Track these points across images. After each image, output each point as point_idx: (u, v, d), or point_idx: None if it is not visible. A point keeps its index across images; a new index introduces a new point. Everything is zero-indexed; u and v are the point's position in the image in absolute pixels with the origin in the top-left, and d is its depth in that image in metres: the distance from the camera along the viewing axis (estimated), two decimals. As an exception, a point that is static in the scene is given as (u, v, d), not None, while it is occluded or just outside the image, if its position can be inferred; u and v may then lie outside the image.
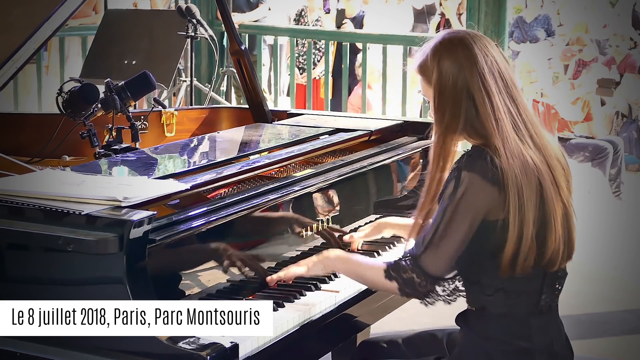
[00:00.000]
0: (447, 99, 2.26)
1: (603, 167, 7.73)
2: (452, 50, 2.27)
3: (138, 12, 7.66)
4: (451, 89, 2.25)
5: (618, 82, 8.88)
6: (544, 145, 2.30)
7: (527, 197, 2.20)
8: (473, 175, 2.20)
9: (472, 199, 2.21)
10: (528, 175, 2.22)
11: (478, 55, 2.25)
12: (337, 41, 7.90)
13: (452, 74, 2.25)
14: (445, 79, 2.26)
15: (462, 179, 2.21)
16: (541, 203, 2.24)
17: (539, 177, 2.24)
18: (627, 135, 8.45)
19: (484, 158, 2.21)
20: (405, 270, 2.29)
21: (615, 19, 9.69)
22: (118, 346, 2.12)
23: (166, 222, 2.29)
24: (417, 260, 2.27)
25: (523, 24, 9.37)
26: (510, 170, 2.20)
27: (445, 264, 2.27)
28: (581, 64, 8.88)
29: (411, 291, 2.29)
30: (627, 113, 8.70)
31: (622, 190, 7.75)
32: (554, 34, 9.34)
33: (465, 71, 2.24)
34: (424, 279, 2.27)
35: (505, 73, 2.28)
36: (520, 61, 8.56)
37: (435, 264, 2.26)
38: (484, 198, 2.21)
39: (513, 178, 2.19)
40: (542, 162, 2.26)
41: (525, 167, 2.22)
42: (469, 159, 2.22)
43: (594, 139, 7.95)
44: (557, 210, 2.26)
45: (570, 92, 8.23)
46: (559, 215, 2.27)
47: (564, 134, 7.93)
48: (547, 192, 2.25)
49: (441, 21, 8.85)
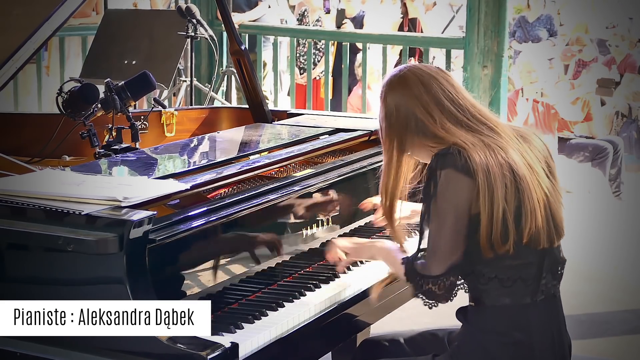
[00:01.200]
0: (394, 125, 2.47)
1: (603, 167, 7.73)
2: (392, 87, 2.49)
3: (138, 12, 7.66)
4: (396, 117, 2.45)
5: (618, 82, 8.88)
6: (504, 132, 2.42)
7: (494, 177, 2.29)
8: (447, 171, 2.32)
9: (451, 192, 2.31)
10: (493, 158, 2.32)
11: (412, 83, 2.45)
12: (337, 41, 7.90)
13: (395, 105, 2.46)
14: (389, 111, 2.47)
15: (438, 177, 2.32)
16: (513, 181, 2.32)
17: (505, 158, 2.33)
18: (627, 135, 8.45)
19: (451, 152, 2.33)
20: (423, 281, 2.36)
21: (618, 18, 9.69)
22: (118, 346, 2.12)
23: (166, 222, 2.29)
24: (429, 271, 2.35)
25: (525, 24, 9.37)
26: (476, 155, 2.31)
27: (446, 261, 2.33)
28: (581, 64, 8.89)
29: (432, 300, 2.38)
30: (627, 113, 8.70)
31: (622, 190, 7.75)
32: (556, 34, 9.34)
33: (404, 100, 2.44)
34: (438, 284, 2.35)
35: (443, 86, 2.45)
36: (521, 61, 8.56)
37: (438, 265, 2.33)
38: (461, 188, 2.30)
39: (479, 161, 2.30)
40: (508, 146, 2.38)
41: (489, 151, 2.33)
42: (438, 157, 2.35)
43: (594, 139, 7.95)
44: (531, 188, 2.34)
45: (570, 92, 8.24)
46: (535, 193, 2.34)
47: (564, 134, 7.93)
48: (519, 172, 2.33)
49: (404, 20, 8.81)
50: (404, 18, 8.80)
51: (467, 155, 2.31)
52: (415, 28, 8.66)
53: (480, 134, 2.37)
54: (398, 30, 8.67)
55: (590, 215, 6.84)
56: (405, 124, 2.44)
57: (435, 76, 2.46)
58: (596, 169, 7.74)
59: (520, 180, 2.32)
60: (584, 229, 6.34)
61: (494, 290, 2.35)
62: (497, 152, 2.33)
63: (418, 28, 8.66)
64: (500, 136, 2.39)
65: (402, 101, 2.45)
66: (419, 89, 2.44)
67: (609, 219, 6.91)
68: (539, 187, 2.36)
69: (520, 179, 2.32)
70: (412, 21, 8.74)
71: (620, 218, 7.01)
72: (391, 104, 2.47)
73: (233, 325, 2.27)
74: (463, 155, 2.31)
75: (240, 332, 2.26)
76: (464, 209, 2.30)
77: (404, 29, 8.67)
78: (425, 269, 2.35)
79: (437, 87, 2.44)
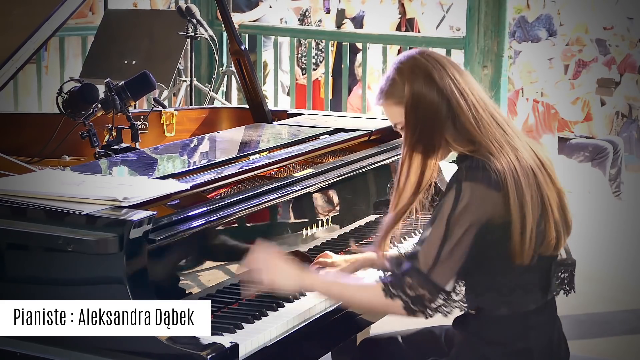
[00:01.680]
0: (425, 114, 2.26)
1: (603, 167, 7.73)
2: (420, 68, 2.27)
3: (138, 12, 7.66)
4: (427, 102, 2.25)
5: (618, 82, 8.88)
6: (521, 135, 2.32)
7: (525, 191, 2.21)
8: (476, 186, 2.19)
9: (476, 208, 2.19)
10: (523, 169, 2.23)
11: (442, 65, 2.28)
12: (337, 41, 7.90)
13: (424, 87, 2.25)
14: (418, 95, 2.25)
15: (464, 190, 2.19)
16: (538, 192, 2.25)
17: (532, 168, 2.26)
18: (627, 135, 8.45)
19: (483, 167, 2.21)
20: (413, 287, 2.22)
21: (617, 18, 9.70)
22: (118, 346, 2.12)
23: (166, 222, 2.29)
24: (429, 276, 2.21)
25: (525, 24, 9.37)
26: (508, 169, 2.20)
27: (454, 275, 2.23)
28: (581, 64, 8.89)
29: (420, 308, 2.22)
30: (627, 113, 8.71)
31: (622, 190, 7.75)
32: (556, 34, 9.34)
33: (435, 81, 2.25)
34: (437, 294, 2.22)
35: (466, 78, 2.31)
36: (521, 61, 8.56)
37: (447, 277, 2.22)
38: (488, 205, 2.20)
39: (511, 177, 2.20)
40: (529, 152, 2.29)
41: (519, 162, 2.23)
42: (469, 170, 2.22)
43: (594, 139, 7.95)
44: (550, 196, 2.28)
45: (570, 92, 8.24)
46: (553, 200, 2.28)
47: (564, 134, 7.93)
48: (540, 180, 2.26)
49: (402, 20, 8.81)
50: (402, 18, 8.80)
51: (495, 168, 2.18)
52: (413, 28, 8.66)
53: (506, 133, 2.26)
54: (396, 30, 8.67)
55: (590, 215, 6.84)
56: (435, 114, 2.23)
57: (462, 72, 2.32)
58: (596, 169, 7.74)
59: (542, 189, 2.25)
60: (584, 229, 6.33)
61: (497, 300, 2.30)
62: (519, 155, 2.24)
63: (415, 28, 8.67)
64: (518, 135, 2.30)
65: (436, 84, 2.23)
66: (454, 73, 2.26)
67: (609, 219, 6.91)
68: (552, 185, 2.29)
69: (541, 187, 2.25)
70: (410, 21, 8.75)
71: (620, 218, 7.01)
72: (420, 88, 2.23)
73: (233, 325, 2.27)
74: (494, 169, 2.18)
75: (240, 332, 2.26)
76: (482, 222, 2.20)
77: (401, 29, 8.68)
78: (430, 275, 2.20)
79: (468, 77, 2.30)
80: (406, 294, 2.23)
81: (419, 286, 2.21)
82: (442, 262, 2.21)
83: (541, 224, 2.26)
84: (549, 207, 2.26)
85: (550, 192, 2.28)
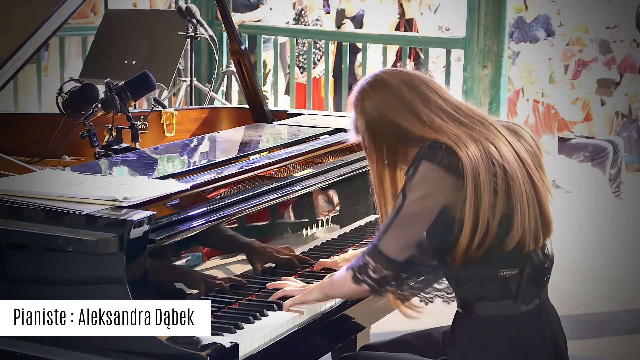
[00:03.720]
0: (379, 133, 2.32)
1: (603, 167, 7.73)
2: (369, 92, 2.34)
3: (138, 12, 7.66)
4: (380, 123, 2.31)
5: (618, 82, 8.88)
6: (494, 125, 2.33)
7: (483, 184, 2.20)
8: (432, 165, 2.21)
9: (430, 185, 2.22)
10: (484, 159, 2.22)
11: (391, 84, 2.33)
12: (337, 41, 7.90)
13: (377, 110, 2.31)
14: (371, 119, 2.32)
15: (421, 166, 2.22)
16: (504, 185, 2.23)
17: (497, 159, 2.24)
18: (627, 135, 8.45)
19: (442, 149, 2.22)
20: (377, 269, 2.26)
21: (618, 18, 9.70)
22: (118, 346, 2.12)
23: (166, 222, 2.30)
24: (377, 245, 2.26)
25: (523, 24, 9.37)
26: (465, 156, 2.21)
27: (402, 247, 2.25)
28: (581, 64, 8.88)
29: (364, 277, 2.27)
30: (627, 113, 8.70)
31: (622, 190, 7.75)
32: (554, 34, 9.34)
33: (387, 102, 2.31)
34: (381, 262, 2.25)
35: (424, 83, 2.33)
36: (521, 61, 8.56)
37: (393, 246, 2.25)
38: (441, 185, 2.22)
39: (469, 165, 2.20)
40: (499, 139, 2.28)
41: (481, 149, 2.23)
42: (429, 149, 2.23)
43: (594, 139, 7.95)
44: (522, 186, 2.25)
45: (570, 92, 8.23)
46: (525, 193, 2.26)
47: (564, 134, 7.92)
48: (513, 175, 2.25)
49: (401, 21, 8.80)
50: (401, 18, 8.80)
51: (458, 156, 2.21)
52: (412, 28, 8.66)
53: (471, 129, 2.28)
54: (395, 30, 8.68)
55: (590, 215, 6.84)
56: (391, 129, 2.30)
57: (415, 74, 2.36)
58: (596, 169, 7.74)
59: (513, 184, 2.23)
60: (584, 229, 6.34)
61: (474, 297, 2.29)
62: (488, 150, 2.24)
63: (414, 28, 8.67)
64: (490, 129, 2.30)
65: (384, 104, 2.31)
66: (401, 87, 2.31)
67: (609, 219, 6.91)
68: (528, 184, 2.27)
69: (513, 181, 2.24)
70: (409, 22, 8.75)
71: (620, 218, 7.01)
72: (372, 110, 2.32)
73: (233, 325, 2.27)
74: (452, 154, 2.21)
75: (240, 332, 2.26)
76: (438, 203, 2.21)
77: (400, 30, 8.68)
78: (377, 244, 2.25)
79: (420, 83, 2.33)
80: (370, 278, 2.28)
81: (368, 255, 2.26)
82: (391, 231, 2.24)
83: (505, 221, 2.24)
84: (517, 205, 2.24)
85: (525, 191, 2.25)
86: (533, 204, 2.28)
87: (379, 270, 2.26)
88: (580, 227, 6.32)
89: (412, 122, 2.29)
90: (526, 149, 2.33)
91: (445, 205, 2.23)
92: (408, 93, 2.31)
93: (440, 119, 2.28)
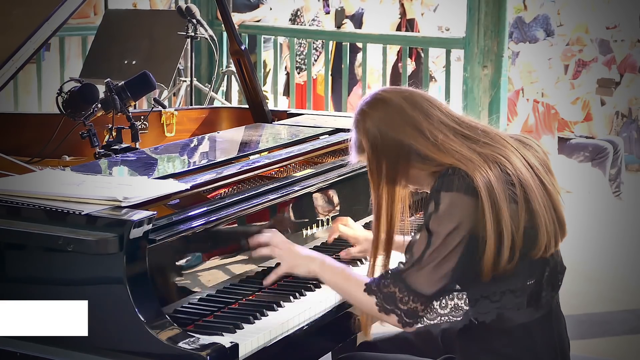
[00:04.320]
0: (382, 152, 2.30)
1: (603, 167, 7.73)
2: (371, 110, 2.32)
3: (138, 12, 7.66)
4: (382, 143, 2.29)
5: (618, 82, 8.88)
6: (500, 136, 2.31)
7: (499, 195, 2.18)
8: (453, 194, 2.19)
9: (457, 215, 2.18)
10: (497, 173, 2.21)
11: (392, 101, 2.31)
12: (337, 41, 7.91)
13: (379, 129, 2.29)
14: (373, 138, 2.30)
15: (442, 199, 2.20)
16: (522, 193, 2.22)
17: (511, 170, 2.23)
18: (627, 135, 8.45)
19: (455, 174, 2.20)
20: (387, 285, 2.24)
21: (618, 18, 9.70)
22: (118, 346, 2.12)
23: (166, 222, 2.30)
24: (401, 275, 2.23)
25: (522, 24, 9.38)
26: (478, 174, 2.19)
27: (435, 282, 2.21)
28: (581, 64, 8.89)
29: (392, 307, 2.22)
30: (627, 113, 8.71)
31: (622, 190, 7.75)
32: (554, 34, 9.35)
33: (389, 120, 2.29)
34: (407, 295, 2.21)
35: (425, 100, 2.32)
36: (521, 61, 8.56)
37: (422, 281, 2.21)
38: (466, 210, 2.19)
39: (482, 181, 2.18)
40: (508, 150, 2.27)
41: (491, 165, 2.22)
42: (444, 179, 2.22)
43: (594, 139, 7.95)
44: (541, 200, 2.25)
45: (570, 92, 8.24)
46: (543, 204, 2.25)
47: (564, 134, 7.93)
48: (527, 185, 2.24)
49: (402, 21, 8.81)
50: (402, 18, 8.81)
51: (470, 175, 2.18)
52: (413, 28, 8.66)
53: (476, 142, 2.26)
54: (396, 30, 8.68)
55: (590, 215, 6.84)
56: (395, 149, 2.28)
57: (415, 91, 2.34)
58: (596, 169, 7.74)
59: (529, 191, 2.22)
60: (584, 229, 6.34)
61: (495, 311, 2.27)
62: (498, 161, 2.23)
63: (416, 28, 8.67)
64: (495, 139, 2.29)
65: (386, 122, 2.29)
66: (403, 106, 2.28)
67: (609, 219, 6.92)
68: (541, 188, 2.27)
69: (528, 188, 2.22)
70: (410, 22, 8.75)
71: (620, 218, 7.01)
72: (373, 129, 2.29)
73: (233, 325, 2.26)
74: (467, 177, 2.19)
75: (240, 332, 2.26)
76: (465, 230, 2.19)
77: (401, 30, 8.68)
78: (401, 274, 2.22)
79: (421, 100, 2.31)
80: (381, 292, 2.25)
81: (391, 284, 2.23)
82: (420, 266, 2.21)
83: (529, 229, 2.23)
84: (537, 211, 2.24)
85: (540, 196, 2.25)
86: (549, 208, 2.27)
87: (406, 302, 2.22)
88: (580, 227, 6.32)
89: (416, 139, 2.27)
90: (534, 155, 2.33)
91: (471, 229, 2.20)
92: (410, 110, 2.29)
93: (443, 135, 2.26)
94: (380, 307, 2.25)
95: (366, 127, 2.32)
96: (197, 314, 2.33)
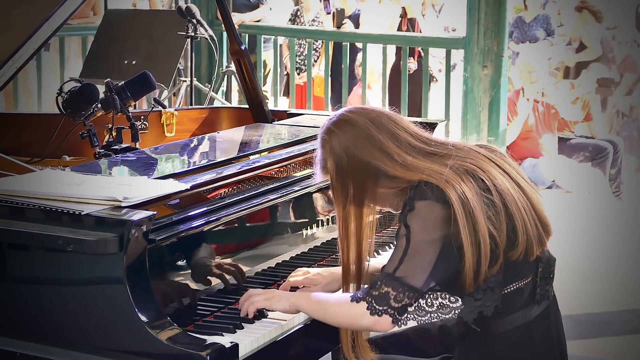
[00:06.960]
0: (347, 173, 2.28)
1: (603, 167, 7.73)
2: (336, 131, 2.31)
3: (138, 12, 7.66)
4: (348, 164, 2.28)
5: (618, 82, 8.88)
6: (469, 147, 2.31)
7: (472, 200, 2.17)
8: (428, 202, 2.19)
9: (430, 217, 2.19)
10: (466, 180, 2.20)
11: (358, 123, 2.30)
12: (337, 41, 7.90)
13: (344, 149, 2.28)
14: (339, 159, 2.29)
15: (417, 205, 2.20)
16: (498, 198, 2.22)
17: (482, 176, 2.23)
18: (627, 135, 8.45)
19: (429, 187, 2.20)
20: (378, 287, 2.21)
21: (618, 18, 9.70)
22: (118, 346, 2.12)
23: (166, 222, 2.29)
24: (393, 274, 2.21)
25: (522, 24, 9.38)
26: (450, 187, 2.18)
27: (419, 274, 2.20)
28: (581, 64, 8.89)
29: (384, 307, 2.20)
30: (628, 113, 8.70)
31: (622, 190, 7.75)
32: (554, 34, 9.34)
33: (355, 141, 2.28)
34: (402, 290, 2.20)
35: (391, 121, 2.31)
36: (521, 61, 8.56)
37: (412, 273, 2.20)
38: (440, 217, 2.18)
39: (454, 193, 2.17)
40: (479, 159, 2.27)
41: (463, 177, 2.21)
42: (416, 190, 2.21)
43: (594, 139, 7.95)
44: (514, 196, 2.24)
45: (570, 92, 8.23)
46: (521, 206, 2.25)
47: (564, 134, 7.92)
48: (502, 189, 2.23)
49: (403, 21, 8.80)
50: (403, 18, 8.80)
51: (440, 188, 2.18)
52: (414, 28, 8.66)
53: (447, 157, 2.25)
54: (397, 30, 8.68)
55: (590, 215, 6.84)
56: (361, 170, 2.26)
57: (381, 111, 2.33)
58: (596, 169, 7.74)
59: (504, 195, 2.22)
60: (584, 229, 6.33)
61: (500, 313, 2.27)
62: (469, 169, 2.23)
63: (417, 28, 8.67)
64: (466, 151, 2.28)
65: (352, 143, 2.27)
66: (369, 127, 2.27)
67: (609, 219, 6.91)
68: (518, 191, 2.26)
69: (504, 192, 2.22)
70: (411, 21, 8.75)
71: (620, 218, 7.00)
72: (339, 149, 2.28)
73: (233, 325, 2.27)
74: (438, 189, 2.18)
75: (240, 332, 2.26)
76: (443, 231, 2.18)
77: (402, 29, 8.68)
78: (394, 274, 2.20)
79: (387, 120, 2.29)
80: (371, 295, 2.22)
81: (383, 284, 2.21)
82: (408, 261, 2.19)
83: (511, 232, 2.22)
84: (516, 214, 2.23)
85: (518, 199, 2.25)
86: (529, 210, 2.27)
87: (401, 298, 2.20)
88: (580, 227, 6.31)
89: (383, 162, 2.26)
90: (505, 160, 2.33)
91: (446, 235, 2.19)
92: (376, 132, 2.28)
93: (412, 157, 2.26)
94: (372, 310, 2.22)
95: (332, 147, 2.31)
96: (197, 314, 2.33)
